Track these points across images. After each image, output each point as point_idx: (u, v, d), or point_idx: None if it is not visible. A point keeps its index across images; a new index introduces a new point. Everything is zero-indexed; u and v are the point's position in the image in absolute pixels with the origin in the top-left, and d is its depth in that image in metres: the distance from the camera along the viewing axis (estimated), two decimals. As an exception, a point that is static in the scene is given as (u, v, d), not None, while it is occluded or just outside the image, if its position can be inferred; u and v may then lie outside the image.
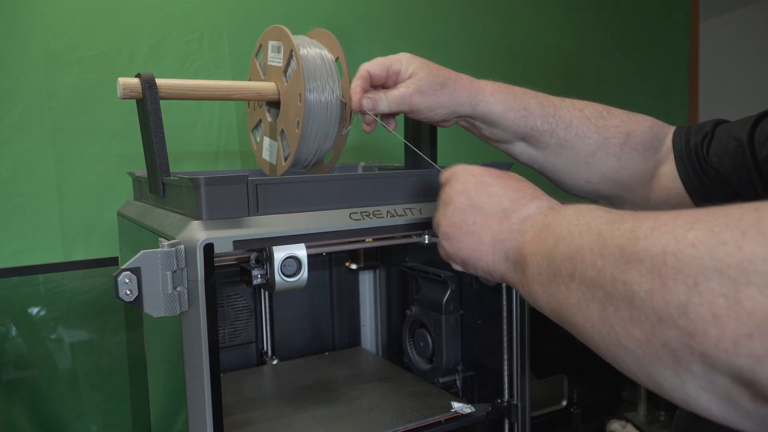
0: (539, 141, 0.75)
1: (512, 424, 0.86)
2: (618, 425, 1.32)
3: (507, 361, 0.86)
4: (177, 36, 1.12)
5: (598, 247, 0.39)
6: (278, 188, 0.68)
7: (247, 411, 0.87)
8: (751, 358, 0.30)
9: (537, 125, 0.74)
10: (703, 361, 0.32)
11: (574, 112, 0.75)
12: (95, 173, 1.08)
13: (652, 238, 0.36)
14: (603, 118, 0.75)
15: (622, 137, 0.75)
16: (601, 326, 0.38)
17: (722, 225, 0.32)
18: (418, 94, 0.72)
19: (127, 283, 0.58)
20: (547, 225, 0.48)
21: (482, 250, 0.55)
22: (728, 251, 0.31)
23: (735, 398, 0.32)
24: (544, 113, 0.74)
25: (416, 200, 0.76)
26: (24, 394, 1.05)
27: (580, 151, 0.75)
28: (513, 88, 0.76)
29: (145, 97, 0.69)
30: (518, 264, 0.50)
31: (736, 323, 0.30)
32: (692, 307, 0.32)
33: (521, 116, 0.74)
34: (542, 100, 0.76)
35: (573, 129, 0.75)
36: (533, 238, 0.49)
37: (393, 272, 1.13)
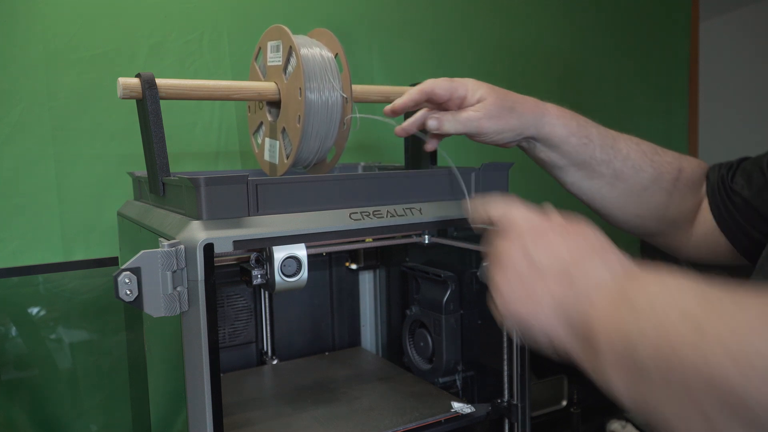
0: (595, 170, 0.75)
1: (512, 424, 0.86)
2: (618, 425, 1.32)
3: (507, 361, 0.86)
4: (177, 36, 1.12)
5: (701, 350, 0.32)
6: (278, 188, 0.68)
7: (247, 411, 0.87)
8: None
9: (596, 154, 0.75)
10: None
11: (631, 145, 0.76)
12: (95, 173, 1.08)
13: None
14: (658, 154, 0.76)
15: (675, 173, 0.76)
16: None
17: None
18: (488, 119, 0.72)
19: (127, 283, 0.58)
20: (625, 298, 0.40)
21: (540, 314, 0.46)
22: None
23: None
24: (603, 143, 0.75)
25: (416, 200, 0.76)
26: (24, 394, 1.05)
27: (634, 184, 0.75)
28: (576, 115, 0.76)
29: (145, 97, 0.69)
30: (586, 341, 0.42)
31: None
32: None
33: (582, 143, 0.74)
34: (602, 130, 0.76)
35: (630, 161, 0.75)
36: (606, 312, 0.41)
37: (393, 272, 1.13)
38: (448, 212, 0.77)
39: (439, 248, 1.02)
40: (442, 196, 0.78)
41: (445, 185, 0.79)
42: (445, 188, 0.79)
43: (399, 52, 1.37)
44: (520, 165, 0.82)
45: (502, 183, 0.82)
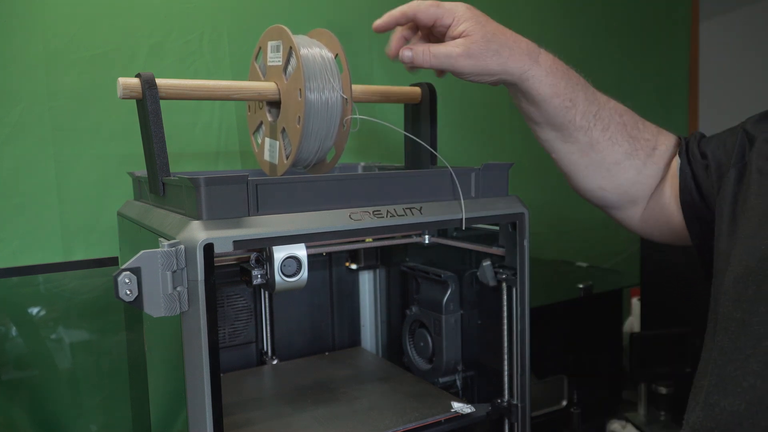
0: (571, 135, 0.73)
1: (512, 424, 0.86)
2: (618, 425, 1.32)
3: (507, 361, 0.86)
4: (177, 36, 1.12)
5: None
6: (278, 188, 0.68)
7: (247, 411, 0.87)
8: None
9: (576, 120, 0.71)
10: None
11: (614, 116, 0.74)
12: (95, 173, 1.08)
13: None
14: (637, 129, 0.74)
15: (649, 151, 0.74)
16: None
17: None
18: (466, 57, 0.67)
19: (127, 283, 0.58)
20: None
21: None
22: None
23: None
24: (586, 110, 0.72)
25: (416, 200, 0.76)
26: (24, 394, 1.05)
27: (607, 156, 0.74)
28: (569, 73, 0.72)
29: (145, 97, 0.69)
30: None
31: None
32: None
33: (565, 106, 0.71)
34: (590, 95, 0.73)
35: (608, 133, 0.73)
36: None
37: (393, 272, 1.13)
38: (448, 212, 0.77)
39: (439, 248, 1.02)
40: (442, 196, 0.78)
41: (445, 185, 0.79)
42: (445, 188, 0.79)
43: (399, 52, 1.37)
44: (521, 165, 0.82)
45: (502, 183, 0.82)
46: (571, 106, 0.71)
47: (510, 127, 1.53)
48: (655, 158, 0.75)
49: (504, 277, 0.85)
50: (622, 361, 1.42)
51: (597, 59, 1.72)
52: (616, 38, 1.75)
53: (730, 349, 0.55)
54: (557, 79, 0.70)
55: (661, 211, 0.75)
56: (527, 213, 0.81)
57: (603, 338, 1.38)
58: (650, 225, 0.77)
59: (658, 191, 0.75)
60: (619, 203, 0.77)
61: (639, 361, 1.29)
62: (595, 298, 1.37)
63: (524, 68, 0.69)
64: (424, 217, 0.75)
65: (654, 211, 0.76)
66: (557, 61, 0.72)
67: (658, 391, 1.33)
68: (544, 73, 0.70)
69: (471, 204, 0.78)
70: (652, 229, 0.78)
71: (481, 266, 0.88)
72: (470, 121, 1.48)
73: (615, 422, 1.33)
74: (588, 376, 1.35)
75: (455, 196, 0.79)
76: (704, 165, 0.69)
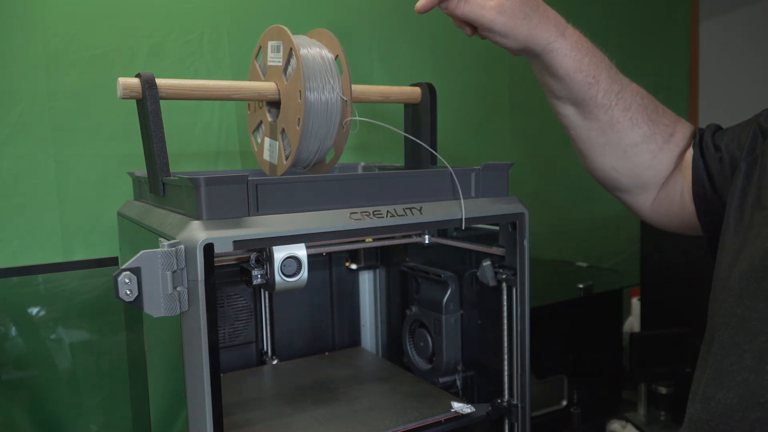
0: (592, 112, 0.73)
1: (512, 424, 0.86)
2: (618, 425, 1.32)
3: (507, 361, 0.86)
4: (177, 36, 1.12)
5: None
6: (278, 188, 0.68)
7: (247, 411, 0.87)
8: None
9: (598, 97, 0.71)
10: None
11: (636, 98, 0.73)
12: (95, 173, 1.08)
13: None
14: (657, 113, 0.74)
15: (666, 137, 0.74)
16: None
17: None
18: (498, 12, 0.67)
19: (127, 283, 0.58)
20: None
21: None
22: None
23: None
24: (609, 88, 0.72)
25: (416, 200, 0.76)
26: (24, 394, 1.05)
27: (625, 137, 0.73)
28: (594, 50, 0.72)
29: (145, 97, 0.69)
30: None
31: None
32: None
33: (588, 82, 0.71)
34: (614, 73, 0.73)
35: (629, 113, 0.73)
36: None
37: (393, 272, 1.13)
38: (448, 212, 0.77)
39: (439, 248, 1.02)
40: (442, 196, 0.78)
41: (445, 185, 0.79)
42: (445, 188, 0.79)
43: (399, 52, 1.37)
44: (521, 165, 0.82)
45: (502, 183, 0.82)
46: (594, 83, 0.71)
47: (510, 127, 1.53)
48: (671, 145, 0.74)
49: (504, 277, 0.85)
50: (622, 361, 1.42)
51: (597, 59, 1.72)
52: (616, 38, 1.75)
53: (729, 343, 0.56)
54: (582, 54, 0.71)
55: (672, 201, 0.75)
56: (527, 213, 0.81)
57: (603, 338, 1.38)
58: (660, 214, 0.77)
59: (670, 180, 0.75)
60: (630, 187, 0.77)
61: (639, 361, 1.29)
62: (595, 298, 1.37)
63: (550, 39, 0.69)
64: (424, 217, 0.75)
65: (665, 200, 0.76)
66: (583, 37, 0.72)
67: (658, 391, 1.33)
68: (569, 46, 0.70)
69: (471, 204, 0.78)
70: (662, 217, 0.77)
71: (481, 266, 0.88)
72: (470, 121, 1.48)
73: (615, 422, 1.33)
74: (588, 376, 1.35)
75: (455, 196, 0.79)
76: (718, 158, 0.68)
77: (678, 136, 0.75)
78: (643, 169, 0.75)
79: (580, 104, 0.73)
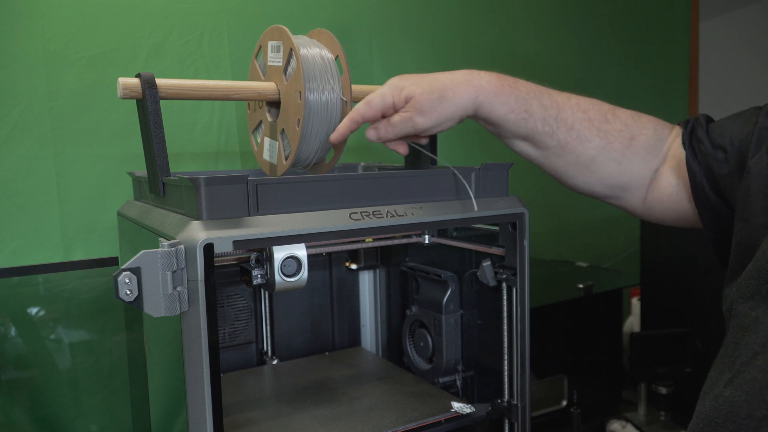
0: (540, 142, 0.74)
1: (512, 424, 0.86)
2: (618, 425, 1.32)
3: (507, 361, 0.86)
4: (177, 36, 1.12)
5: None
6: (278, 188, 0.68)
7: (247, 411, 0.87)
8: None
9: (538, 127, 0.73)
10: None
11: (578, 114, 0.74)
12: (95, 173, 1.08)
13: None
14: (607, 122, 0.74)
15: (625, 142, 0.73)
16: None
17: None
18: (420, 115, 0.71)
19: (127, 283, 0.58)
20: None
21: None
22: None
23: None
24: (545, 115, 0.73)
25: (416, 200, 0.76)
26: (24, 394, 1.05)
27: (580, 154, 0.74)
28: (516, 86, 0.73)
29: (145, 97, 0.69)
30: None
31: None
32: None
33: (522, 118, 0.72)
34: (545, 100, 0.74)
35: (574, 132, 0.73)
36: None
37: (393, 272, 1.13)
38: (448, 212, 0.77)
39: (439, 248, 1.02)
40: (442, 196, 0.78)
41: (445, 185, 0.79)
42: (445, 188, 0.79)
43: (399, 52, 1.37)
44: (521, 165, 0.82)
45: (501, 183, 0.82)
46: (527, 117, 0.73)
47: (510, 127, 1.53)
48: (635, 148, 0.74)
49: (504, 277, 0.85)
50: (622, 361, 1.42)
51: (597, 59, 1.72)
52: (616, 37, 1.75)
53: (743, 345, 0.56)
54: (505, 96, 0.72)
55: (667, 199, 0.74)
56: (527, 213, 0.81)
57: (603, 338, 1.38)
58: (656, 211, 0.76)
59: (661, 179, 0.74)
60: (611, 193, 0.77)
61: (639, 361, 1.30)
62: (595, 298, 1.37)
63: (471, 98, 0.71)
64: (424, 217, 0.75)
65: (658, 198, 0.75)
66: (501, 77, 0.74)
67: (658, 391, 1.33)
68: (492, 94, 0.72)
69: (471, 204, 0.78)
70: (658, 214, 0.77)
71: (481, 266, 0.88)
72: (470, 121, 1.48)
73: (615, 422, 1.33)
74: (588, 376, 1.35)
75: (459, 196, 0.79)
76: (722, 158, 0.67)
77: (641, 138, 0.74)
78: (614, 177, 0.75)
79: (525, 138, 0.74)
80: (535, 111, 0.73)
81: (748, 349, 0.55)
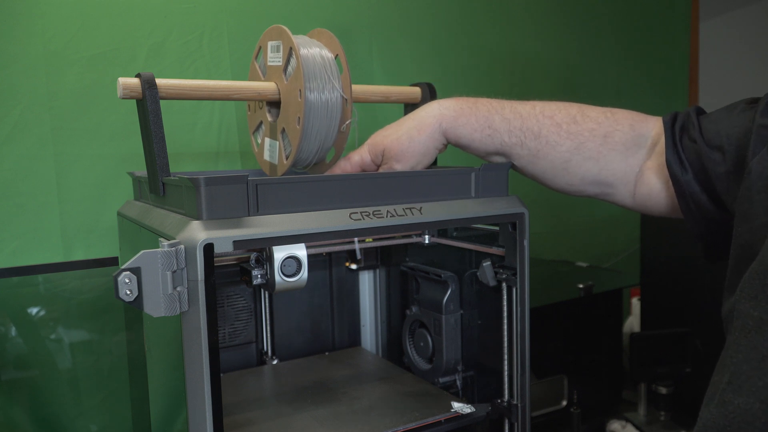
0: (512, 153, 0.76)
1: (512, 424, 0.86)
2: (618, 425, 1.32)
3: (507, 361, 0.86)
4: (177, 36, 1.12)
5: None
6: (278, 188, 0.68)
7: (247, 411, 0.87)
8: None
9: (504, 140, 0.75)
10: None
11: (543, 120, 0.74)
12: (95, 173, 1.08)
13: None
14: (576, 123, 0.74)
15: (599, 140, 0.73)
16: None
17: None
18: (397, 163, 0.76)
19: (127, 283, 0.58)
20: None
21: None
22: None
23: None
24: (510, 127, 0.75)
25: (416, 200, 0.76)
26: (24, 394, 1.05)
27: (554, 159, 0.75)
28: (477, 105, 0.76)
29: (145, 97, 0.69)
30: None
31: None
32: None
33: (487, 135, 0.75)
34: (508, 113, 0.75)
35: (543, 138, 0.74)
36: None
37: (393, 272, 1.13)
38: (448, 212, 0.77)
39: (439, 248, 1.02)
40: (442, 196, 0.78)
41: (445, 185, 0.79)
42: (445, 188, 0.79)
43: (399, 52, 1.37)
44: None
45: (502, 183, 0.82)
46: (492, 133, 0.75)
47: (510, 127, 1.53)
48: (610, 144, 0.73)
49: (504, 277, 0.85)
50: (622, 361, 1.42)
51: (597, 59, 1.72)
52: (616, 38, 1.75)
53: (747, 347, 0.55)
54: (465, 117, 0.75)
55: (657, 194, 0.73)
56: (527, 213, 0.81)
57: (603, 338, 1.38)
58: (649, 204, 0.75)
59: (649, 173, 0.73)
60: (598, 191, 0.77)
61: (639, 361, 1.30)
62: (595, 298, 1.37)
63: (436, 128, 0.75)
64: (424, 217, 0.75)
65: (647, 193, 0.74)
66: (460, 100, 0.76)
67: (658, 391, 1.33)
68: (452, 119, 0.75)
69: (471, 204, 0.78)
70: (651, 207, 0.76)
71: (481, 266, 0.88)
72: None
73: (615, 422, 1.33)
74: (588, 376, 1.35)
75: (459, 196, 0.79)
76: (719, 159, 0.65)
77: (616, 135, 0.73)
78: (594, 175, 0.75)
79: (497, 153, 0.77)
80: (498, 125, 0.75)
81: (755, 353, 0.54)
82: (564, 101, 0.77)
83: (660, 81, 1.85)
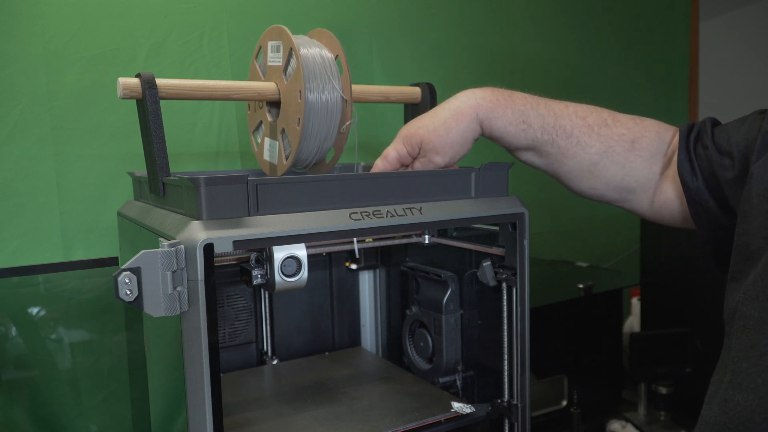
0: (541, 150, 0.76)
1: (512, 424, 0.86)
2: (618, 425, 1.32)
3: (507, 361, 0.86)
4: (177, 36, 1.12)
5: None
6: (278, 188, 0.68)
7: (247, 411, 0.87)
8: None
9: (537, 136, 0.75)
10: None
11: (576, 121, 0.75)
12: (95, 173, 1.08)
13: None
14: (607, 126, 0.75)
15: (627, 145, 0.74)
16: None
17: None
18: (437, 155, 0.75)
19: (127, 283, 0.58)
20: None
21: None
22: None
23: None
24: (543, 124, 0.74)
25: (416, 200, 0.76)
26: (24, 394, 1.05)
27: (582, 160, 0.75)
28: (513, 98, 0.75)
29: (145, 97, 0.69)
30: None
31: None
32: None
33: (521, 129, 0.74)
34: (542, 109, 0.75)
35: (574, 138, 0.74)
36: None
37: (393, 272, 1.13)
38: (448, 212, 0.77)
39: (439, 248, 1.02)
40: (442, 196, 0.78)
41: (445, 185, 0.79)
42: (445, 188, 0.79)
43: (399, 52, 1.37)
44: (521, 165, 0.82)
45: (502, 183, 0.82)
46: (526, 128, 0.75)
47: (510, 127, 1.53)
48: (637, 150, 0.74)
49: (504, 277, 0.85)
50: (622, 361, 1.42)
51: (597, 59, 1.72)
52: (616, 37, 1.75)
53: (747, 346, 0.56)
54: (503, 109, 0.75)
55: (673, 202, 0.74)
56: (527, 213, 0.81)
57: (603, 338, 1.38)
58: (664, 213, 0.76)
59: (667, 181, 0.74)
60: (618, 197, 0.77)
61: (639, 361, 1.30)
62: (595, 298, 1.37)
63: (471, 125, 0.75)
64: (424, 217, 0.75)
65: (665, 201, 0.75)
66: (496, 91, 0.76)
67: (658, 391, 1.33)
68: (488, 109, 0.74)
69: (471, 204, 0.79)
70: (666, 216, 0.76)
71: (481, 266, 0.88)
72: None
73: (615, 422, 1.33)
74: (588, 376, 1.35)
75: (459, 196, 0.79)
76: (728, 165, 0.66)
77: (643, 141, 0.74)
78: (619, 180, 0.75)
79: (528, 148, 0.77)
80: (533, 121, 0.74)
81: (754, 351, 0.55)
82: (593, 105, 0.78)
83: (660, 81, 1.85)
